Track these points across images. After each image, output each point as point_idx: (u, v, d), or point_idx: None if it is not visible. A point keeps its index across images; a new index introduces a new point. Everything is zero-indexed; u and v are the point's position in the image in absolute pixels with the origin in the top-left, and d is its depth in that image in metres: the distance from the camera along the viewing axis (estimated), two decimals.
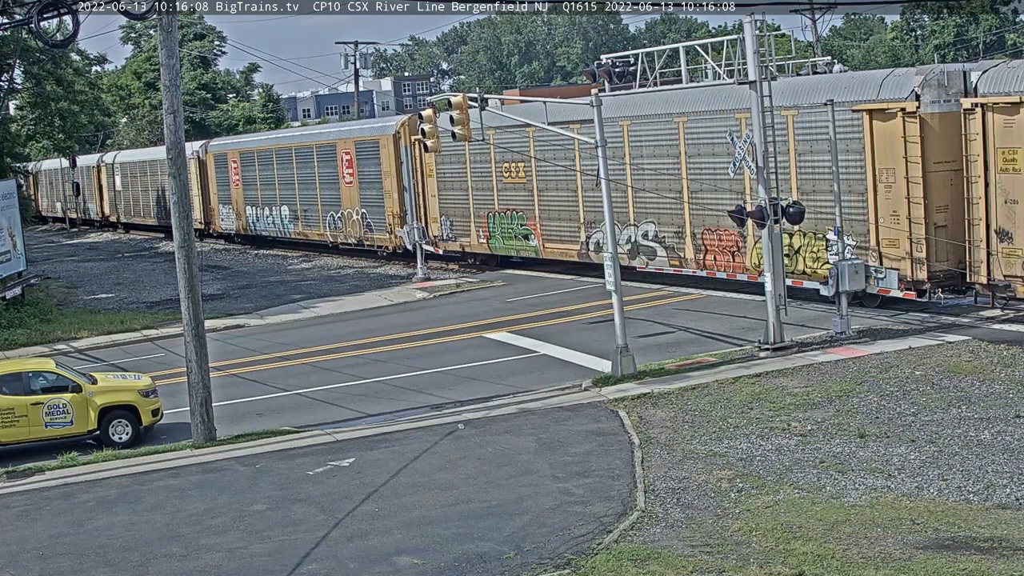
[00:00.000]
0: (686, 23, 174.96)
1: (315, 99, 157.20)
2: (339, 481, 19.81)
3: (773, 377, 23.97)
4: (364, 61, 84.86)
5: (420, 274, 43.38)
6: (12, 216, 39.54)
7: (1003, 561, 14.35)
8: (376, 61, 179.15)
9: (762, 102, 25.98)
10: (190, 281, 23.37)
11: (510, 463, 20.02)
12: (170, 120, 23.39)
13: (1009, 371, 22.82)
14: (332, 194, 52.59)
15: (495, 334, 31.65)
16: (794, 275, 29.87)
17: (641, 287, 35.40)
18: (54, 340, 35.50)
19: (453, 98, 27.43)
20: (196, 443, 23.00)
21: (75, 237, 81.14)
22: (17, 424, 23.58)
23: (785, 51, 51.21)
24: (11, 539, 18.26)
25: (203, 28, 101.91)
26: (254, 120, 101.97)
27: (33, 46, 48.64)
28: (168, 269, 49.57)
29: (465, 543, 16.40)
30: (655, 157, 34.70)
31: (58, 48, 42.90)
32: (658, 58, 28.41)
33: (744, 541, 15.70)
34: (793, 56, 38.24)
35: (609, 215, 25.99)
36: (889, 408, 21.36)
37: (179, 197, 23.45)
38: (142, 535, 17.94)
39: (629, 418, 22.12)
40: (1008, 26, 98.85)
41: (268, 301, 41.51)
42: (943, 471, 17.94)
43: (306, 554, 16.52)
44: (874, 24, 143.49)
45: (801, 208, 26.63)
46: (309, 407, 25.77)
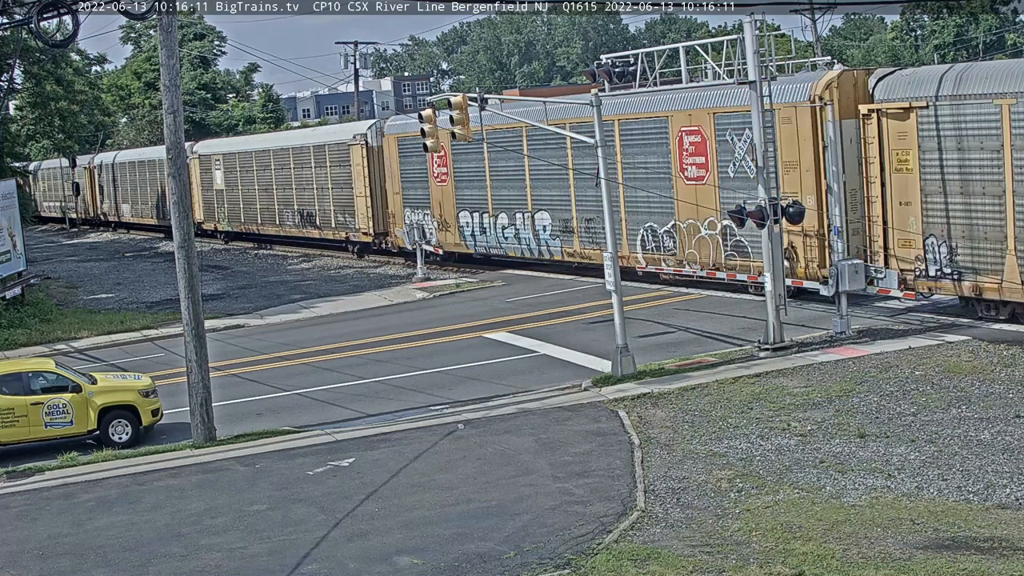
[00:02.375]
0: (686, 23, 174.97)
1: (315, 99, 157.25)
2: (339, 481, 19.81)
3: (773, 377, 23.98)
4: (364, 61, 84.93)
5: (420, 274, 43.40)
6: (12, 216, 39.57)
7: (1003, 561, 14.35)
8: (376, 61, 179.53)
9: (762, 102, 26.00)
10: (190, 281, 23.37)
11: (510, 463, 20.03)
12: (170, 120, 23.40)
13: (1009, 371, 22.83)
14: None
15: (495, 334, 31.65)
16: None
17: (641, 287, 35.41)
18: (54, 340, 35.50)
19: (453, 98, 27.42)
20: (196, 443, 23.00)
21: (75, 237, 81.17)
22: (17, 424, 23.58)
23: (785, 51, 51.23)
24: (11, 539, 18.26)
25: (203, 28, 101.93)
26: (254, 120, 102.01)
27: (33, 46, 48.68)
28: (168, 269, 49.60)
29: (465, 543, 16.40)
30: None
31: (58, 48, 42.98)
32: (658, 58, 28.40)
33: (744, 541, 15.70)
34: (793, 56, 38.22)
35: (609, 215, 25.98)
36: (889, 408, 21.36)
37: (179, 197, 23.44)
38: (142, 535, 17.94)
39: (629, 418, 22.12)
40: (1008, 26, 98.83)
41: (268, 301, 41.52)
42: (943, 471, 17.94)
43: (306, 554, 16.52)
44: (874, 24, 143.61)
45: (801, 208, 26.64)
46: (309, 407, 25.78)
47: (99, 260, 62.10)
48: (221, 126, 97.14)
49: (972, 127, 26.21)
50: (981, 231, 26.33)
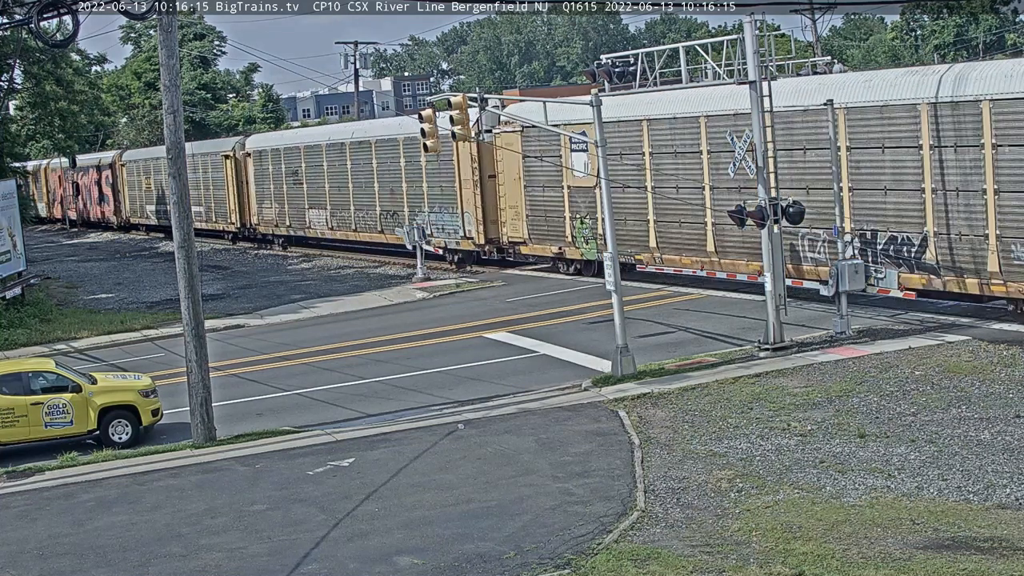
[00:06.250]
0: (686, 23, 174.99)
1: (315, 99, 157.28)
2: (339, 481, 19.81)
3: (773, 377, 23.97)
4: (364, 61, 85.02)
5: (420, 274, 43.39)
6: (12, 216, 39.58)
7: (1003, 561, 14.35)
8: (376, 61, 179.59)
9: (762, 102, 25.99)
10: (190, 281, 23.37)
11: (510, 463, 20.03)
12: (170, 120, 23.39)
13: (1009, 371, 22.82)
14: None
15: (495, 334, 31.65)
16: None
17: (641, 287, 35.42)
18: (54, 340, 35.50)
19: (453, 98, 27.42)
20: (196, 443, 23.00)
21: (75, 237, 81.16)
22: (17, 424, 23.58)
23: (785, 51, 51.29)
24: (11, 539, 18.26)
25: (203, 28, 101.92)
26: (254, 120, 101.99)
27: (33, 46, 48.62)
28: (168, 269, 49.58)
29: (465, 543, 16.39)
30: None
31: (58, 48, 42.94)
32: (658, 58, 28.39)
33: (744, 541, 15.70)
34: (793, 56, 38.26)
35: (609, 215, 25.98)
36: (889, 408, 21.36)
37: (179, 197, 23.44)
38: (142, 535, 17.94)
39: (629, 418, 22.12)
40: (1008, 26, 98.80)
41: (268, 301, 41.52)
42: (943, 471, 17.94)
43: (306, 554, 16.52)
44: (874, 24, 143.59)
45: (801, 208, 26.63)
46: (309, 407, 25.77)
47: (99, 260, 62.10)
48: (221, 126, 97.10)
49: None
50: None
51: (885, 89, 28.38)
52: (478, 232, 43.80)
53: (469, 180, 43.90)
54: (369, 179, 50.83)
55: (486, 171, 43.35)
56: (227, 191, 63.36)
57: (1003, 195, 25.86)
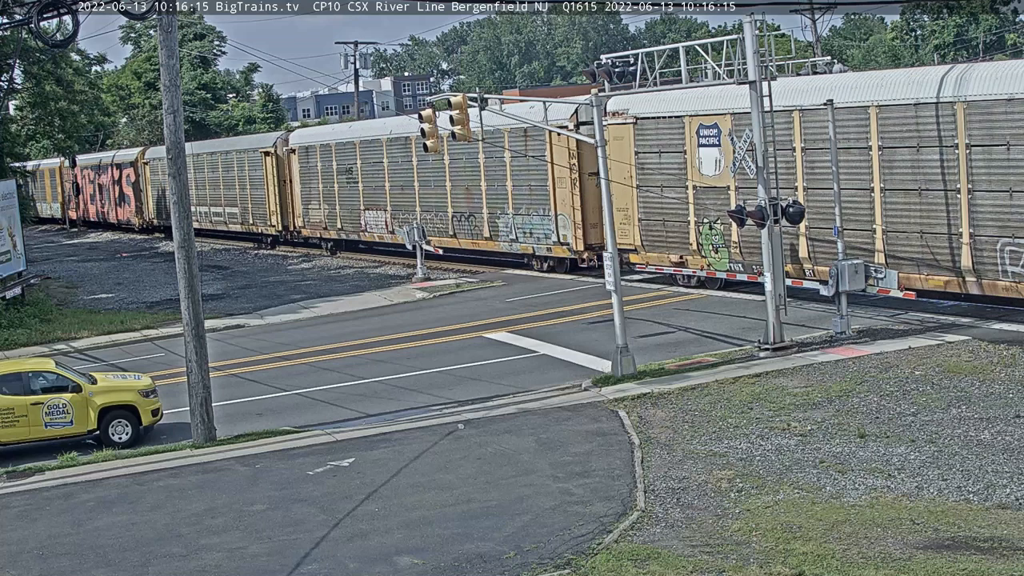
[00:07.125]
0: (686, 23, 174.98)
1: (315, 99, 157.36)
2: (339, 481, 19.80)
3: (773, 377, 23.97)
4: (364, 61, 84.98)
5: (420, 274, 43.40)
6: (12, 216, 39.58)
7: (1003, 561, 14.35)
8: (376, 61, 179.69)
9: (761, 102, 25.99)
10: (190, 281, 23.37)
11: (510, 463, 20.03)
12: (170, 120, 23.40)
13: (1009, 371, 22.82)
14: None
15: (495, 334, 31.65)
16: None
17: (641, 287, 35.42)
18: (54, 340, 35.51)
19: (453, 98, 27.42)
20: (196, 443, 23.00)
21: (75, 237, 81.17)
22: (17, 424, 23.58)
23: (785, 51, 51.28)
24: (11, 539, 18.25)
25: (203, 28, 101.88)
26: (254, 120, 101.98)
27: (33, 46, 48.66)
28: (168, 269, 49.60)
29: (465, 543, 16.40)
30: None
31: (58, 48, 42.92)
32: (658, 58, 28.40)
33: (744, 541, 15.70)
34: (793, 56, 38.25)
35: (609, 215, 25.98)
36: (889, 408, 21.36)
37: (179, 197, 23.45)
38: (142, 535, 17.94)
39: (629, 418, 22.12)
40: (1008, 26, 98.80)
41: (268, 301, 41.52)
42: (943, 471, 17.94)
43: (306, 554, 16.52)
44: (874, 24, 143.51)
45: (801, 208, 26.64)
46: (309, 407, 25.77)
47: (99, 260, 62.11)
48: (221, 126, 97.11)
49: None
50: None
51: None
52: (575, 237, 38.95)
53: (565, 179, 39.01)
54: (440, 177, 45.43)
55: (586, 168, 37.93)
56: (267, 191, 58.68)
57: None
